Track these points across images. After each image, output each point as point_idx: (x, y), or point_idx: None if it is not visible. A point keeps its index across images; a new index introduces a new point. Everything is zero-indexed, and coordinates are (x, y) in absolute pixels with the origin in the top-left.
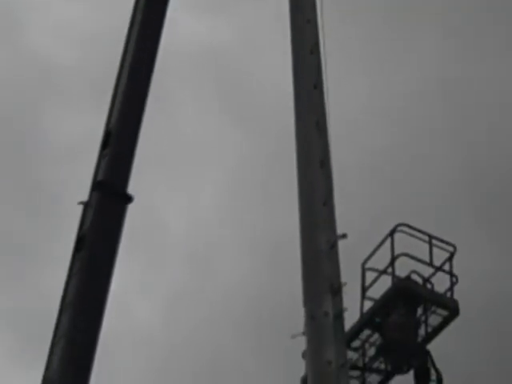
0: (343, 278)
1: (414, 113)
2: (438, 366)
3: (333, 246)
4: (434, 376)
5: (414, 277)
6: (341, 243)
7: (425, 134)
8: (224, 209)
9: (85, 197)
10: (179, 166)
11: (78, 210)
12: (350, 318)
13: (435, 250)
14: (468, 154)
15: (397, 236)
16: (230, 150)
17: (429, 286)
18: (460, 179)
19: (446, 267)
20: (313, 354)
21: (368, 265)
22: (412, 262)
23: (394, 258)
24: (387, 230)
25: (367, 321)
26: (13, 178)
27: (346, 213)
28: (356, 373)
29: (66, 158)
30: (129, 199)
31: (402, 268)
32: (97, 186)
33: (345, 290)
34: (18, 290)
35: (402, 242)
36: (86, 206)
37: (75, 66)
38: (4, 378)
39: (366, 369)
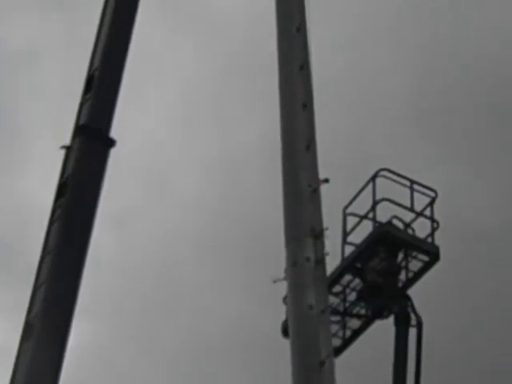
0: (325, 223)
1: None
2: (418, 311)
3: (315, 191)
4: (414, 321)
5: (395, 222)
6: (323, 188)
7: None
8: (178, 125)
9: None
10: (132, 80)
11: None
12: (331, 263)
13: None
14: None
15: (378, 181)
16: (184, 63)
17: (410, 231)
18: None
19: (428, 212)
20: (294, 298)
21: (349, 210)
22: (393, 207)
23: (375, 203)
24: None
25: (348, 266)
26: None
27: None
28: (337, 318)
29: None
30: (111, 143)
31: (384, 213)
32: (79, 130)
33: (326, 234)
34: None
35: (384, 186)
36: (68, 150)
37: None
38: None
39: (346, 314)
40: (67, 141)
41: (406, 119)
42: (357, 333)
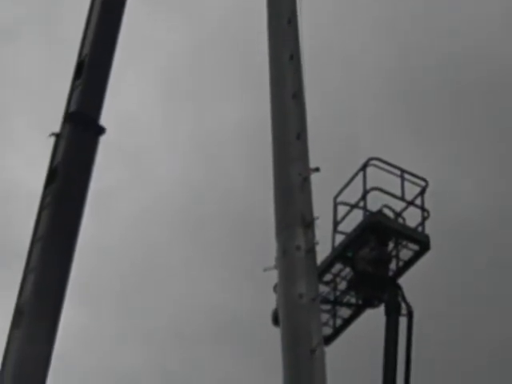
0: (315, 212)
1: None
2: (409, 300)
3: (305, 180)
4: (404, 310)
5: (386, 211)
6: (313, 176)
7: None
8: (157, 105)
9: None
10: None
11: None
12: (322, 252)
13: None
14: None
15: (369, 170)
16: (162, 42)
17: (400, 220)
18: None
19: (418, 202)
20: (284, 287)
21: (340, 199)
22: (384, 196)
23: (365, 192)
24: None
25: (339, 255)
26: None
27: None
28: (327, 306)
29: None
30: (101, 130)
31: (374, 202)
32: (69, 117)
33: (317, 223)
34: None
35: (375, 176)
36: (58, 137)
37: None
38: None
39: (336, 302)
40: (47, 126)
41: (394, 112)
42: (347, 322)
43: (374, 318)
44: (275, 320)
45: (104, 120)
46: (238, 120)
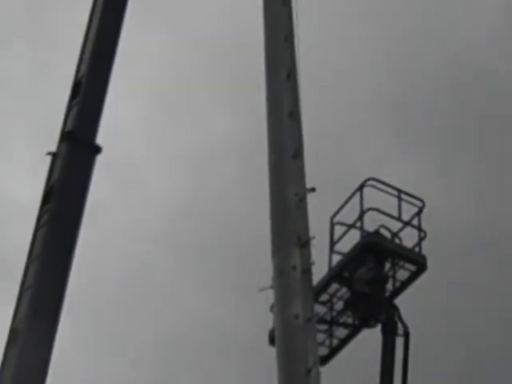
0: (311, 232)
1: None
2: (405, 320)
3: (301, 200)
4: (401, 330)
5: (383, 231)
6: (309, 197)
7: None
8: (148, 116)
9: None
10: None
11: None
12: (318, 272)
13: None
14: None
15: (366, 190)
16: (154, 52)
17: (397, 240)
18: None
19: (415, 222)
20: (280, 307)
21: (337, 219)
22: (381, 216)
23: (362, 213)
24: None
25: (335, 275)
26: None
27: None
28: (324, 326)
29: None
30: (98, 150)
31: (371, 222)
32: (66, 136)
33: (313, 243)
34: None
35: (371, 196)
36: (55, 156)
37: None
38: None
39: (333, 323)
40: (40, 137)
41: (376, 117)
42: (344, 342)
43: (371, 338)
44: (271, 340)
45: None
46: (228, 132)
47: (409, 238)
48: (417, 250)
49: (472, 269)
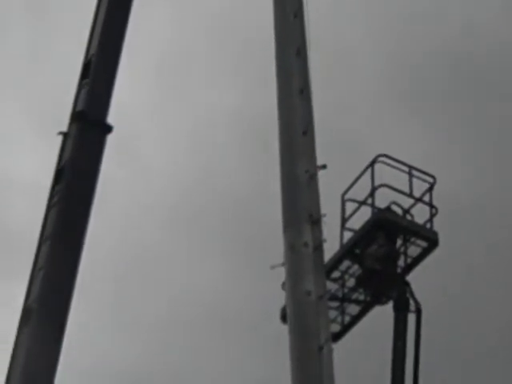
0: (323, 209)
1: None
2: (417, 296)
3: (312, 177)
4: (412, 307)
5: (394, 208)
6: (320, 173)
7: None
8: (151, 93)
9: None
10: None
11: None
12: (330, 249)
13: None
14: None
15: (377, 167)
16: (158, 30)
17: (409, 217)
18: None
19: (426, 198)
20: (292, 285)
21: (348, 196)
22: (392, 193)
23: (373, 189)
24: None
25: (347, 251)
26: None
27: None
28: (335, 303)
29: None
30: (109, 129)
31: (382, 199)
32: (76, 116)
33: (324, 220)
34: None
35: (382, 173)
36: (66, 136)
37: None
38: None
39: (345, 299)
40: (41, 113)
41: (384, 92)
42: (356, 318)
43: (383, 314)
44: (283, 317)
45: None
46: (233, 108)
47: (421, 215)
48: (428, 226)
49: (485, 245)
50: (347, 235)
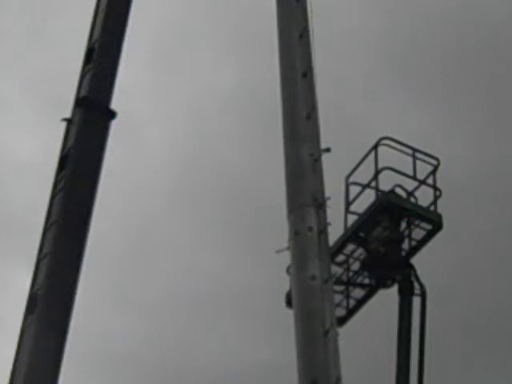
0: (327, 193)
1: None
2: (422, 279)
3: (316, 160)
4: (417, 290)
5: (398, 190)
6: (324, 157)
7: None
8: (150, 70)
9: None
10: None
11: None
12: (334, 233)
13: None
14: None
15: (380, 149)
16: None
17: (413, 199)
18: None
19: (430, 181)
20: (297, 269)
21: (352, 179)
22: (396, 175)
23: (377, 172)
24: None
25: (351, 235)
26: None
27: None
28: (340, 287)
29: None
30: (113, 115)
31: (386, 182)
32: (80, 102)
33: (328, 204)
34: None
35: (386, 155)
36: (69, 122)
37: None
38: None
39: (350, 283)
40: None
41: (380, 66)
42: (361, 302)
43: (388, 298)
44: (288, 302)
45: None
46: (233, 84)
47: (424, 198)
48: (432, 208)
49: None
50: (351, 219)
